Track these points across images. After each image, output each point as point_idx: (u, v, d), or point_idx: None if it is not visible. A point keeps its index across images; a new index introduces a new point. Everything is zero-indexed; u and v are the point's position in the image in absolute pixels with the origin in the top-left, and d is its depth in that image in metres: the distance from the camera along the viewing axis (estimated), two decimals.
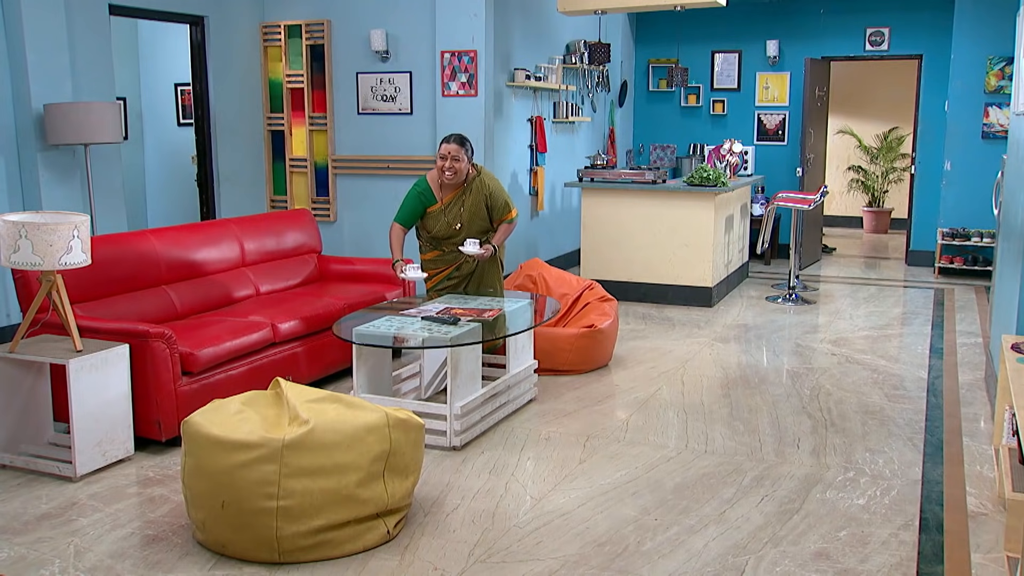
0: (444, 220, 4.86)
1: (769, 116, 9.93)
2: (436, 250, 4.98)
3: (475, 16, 6.75)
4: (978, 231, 8.47)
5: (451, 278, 5.02)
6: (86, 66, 5.86)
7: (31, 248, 3.55)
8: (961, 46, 8.50)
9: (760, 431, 4.31)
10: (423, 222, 4.93)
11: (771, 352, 5.81)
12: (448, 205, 4.85)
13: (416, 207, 4.88)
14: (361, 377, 4.20)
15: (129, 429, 3.91)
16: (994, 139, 8.42)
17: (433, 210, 4.86)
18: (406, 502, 3.25)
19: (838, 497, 3.54)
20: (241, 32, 7.29)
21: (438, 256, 4.99)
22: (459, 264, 4.99)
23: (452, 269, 5.00)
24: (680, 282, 7.22)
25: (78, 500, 3.53)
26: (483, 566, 2.99)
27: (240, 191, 7.41)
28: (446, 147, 4.71)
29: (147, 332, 3.96)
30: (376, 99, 7.24)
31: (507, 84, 7.55)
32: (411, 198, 4.89)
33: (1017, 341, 3.74)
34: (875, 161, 12.37)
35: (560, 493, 3.58)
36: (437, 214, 4.87)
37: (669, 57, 10.08)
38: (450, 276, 5.02)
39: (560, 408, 4.67)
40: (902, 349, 5.90)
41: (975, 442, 4.16)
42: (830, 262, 9.63)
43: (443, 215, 4.86)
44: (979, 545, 3.15)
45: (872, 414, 4.55)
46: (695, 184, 7.23)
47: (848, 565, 3.00)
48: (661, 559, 3.04)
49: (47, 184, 5.52)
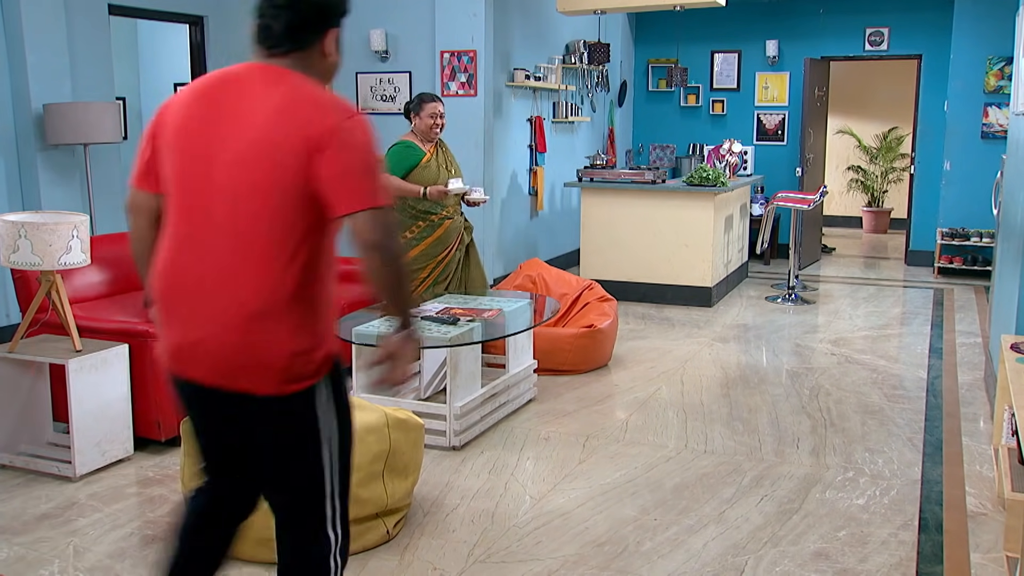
0: (436, 166, 4.99)
1: (769, 116, 9.94)
2: (421, 222, 4.97)
3: (475, 16, 6.75)
4: (977, 231, 8.47)
5: (437, 282, 5.05)
6: (86, 66, 5.86)
7: (30, 248, 3.54)
8: (960, 46, 8.51)
9: (759, 431, 4.31)
10: (416, 178, 4.92)
11: (770, 352, 5.81)
12: (434, 155, 5.02)
13: (404, 159, 4.91)
14: (360, 377, 4.20)
15: (129, 429, 3.91)
16: (993, 139, 8.42)
17: (425, 161, 4.95)
18: (405, 502, 3.25)
19: (837, 497, 3.54)
20: (241, 32, 7.25)
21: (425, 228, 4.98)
22: (444, 258, 5.02)
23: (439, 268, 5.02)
24: (679, 282, 7.22)
25: (77, 500, 3.53)
26: (482, 566, 2.99)
27: None
28: (435, 105, 4.94)
29: (147, 332, 3.96)
30: (376, 99, 7.24)
31: (507, 84, 7.55)
32: (398, 152, 4.92)
33: (1016, 341, 3.74)
34: (874, 161, 12.37)
35: (559, 493, 3.58)
36: (430, 163, 4.97)
37: (668, 57, 10.08)
38: (436, 280, 5.04)
39: (560, 408, 4.67)
40: (902, 349, 5.90)
41: (974, 442, 4.16)
42: (829, 262, 9.63)
43: (435, 162, 5.01)
44: (978, 545, 3.15)
45: (872, 414, 4.55)
46: (694, 184, 7.23)
47: (847, 565, 3.00)
48: (660, 559, 3.04)
49: (46, 184, 5.51)
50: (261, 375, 1.91)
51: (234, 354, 1.91)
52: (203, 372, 1.95)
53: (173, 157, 1.98)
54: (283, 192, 1.87)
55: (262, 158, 1.88)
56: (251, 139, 1.89)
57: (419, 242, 5.00)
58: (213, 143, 1.92)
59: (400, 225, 4.96)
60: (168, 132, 1.99)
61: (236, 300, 1.89)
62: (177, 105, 2.01)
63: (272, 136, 1.87)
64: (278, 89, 1.92)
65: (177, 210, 1.98)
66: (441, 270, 5.06)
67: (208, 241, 1.92)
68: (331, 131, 1.86)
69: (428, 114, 4.92)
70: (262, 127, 1.88)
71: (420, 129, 4.96)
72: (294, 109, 1.89)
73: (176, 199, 1.98)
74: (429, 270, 5.04)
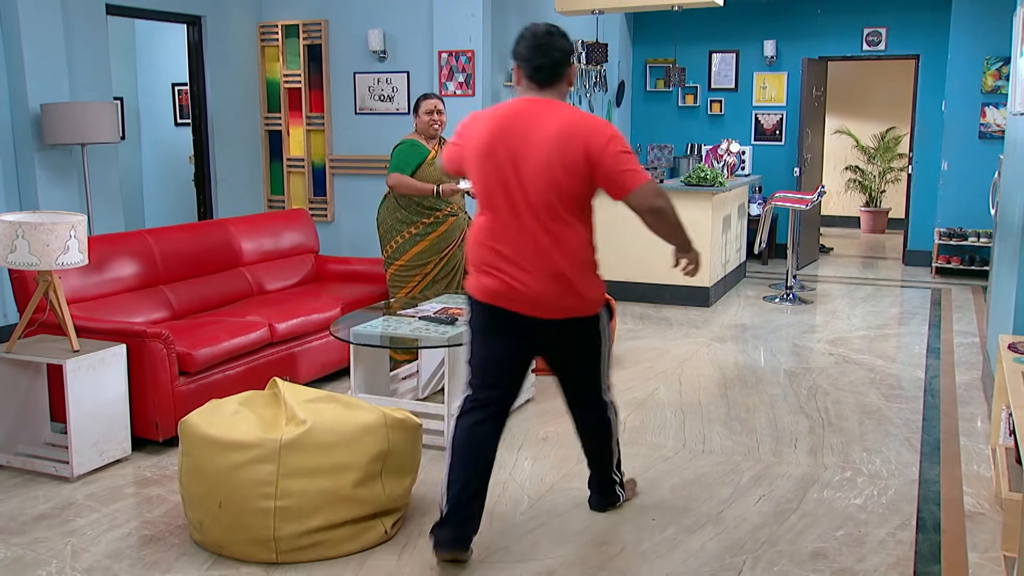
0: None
1: (766, 116, 9.94)
2: (427, 218, 4.98)
3: (472, 16, 6.75)
4: (975, 231, 8.48)
5: (436, 280, 5.05)
6: (83, 66, 5.86)
7: (28, 248, 3.54)
8: (958, 46, 8.51)
9: (757, 431, 4.31)
10: (423, 175, 4.95)
11: (768, 352, 5.82)
12: (438, 153, 5.03)
13: (411, 157, 4.96)
14: (359, 377, 4.20)
15: (126, 429, 3.91)
16: (991, 139, 8.43)
17: (432, 158, 4.97)
18: (404, 502, 3.25)
19: (835, 497, 3.55)
20: (238, 32, 7.29)
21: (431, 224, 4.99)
22: (446, 255, 5.03)
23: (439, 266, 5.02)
24: (677, 282, 7.21)
25: (75, 500, 3.52)
26: (481, 566, 2.99)
27: (237, 191, 7.41)
28: (433, 102, 5.00)
29: (144, 332, 3.96)
30: (373, 99, 7.24)
31: (504, 84, 7.55)
32: (404, 150, 4.99)
33: (1014, 341, 3.74)
34: (872, 161, 12.38)
35: (558, 493, 3.58)
36: (436, 160, 4.98)
37: (666, 57, 10.07)
38: (435, 278, 5.04)
39: (557, 408, 4.66)
40: (899, 349, 5.91)
41: (972, 442, 4.16)
42: (827, 262, 9.64)
43: (438, 160, 4.96)
44: (976, 545, 3.16)
45: (869, 414, 4.56)
46: (692, 184, 7.23)
47: (845, 565, 3.00)
48: (658, 559, 3.04)
49: (44, 184, 5.51)
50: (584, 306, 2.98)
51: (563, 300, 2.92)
52: (540, 310, 2.94)
53: (485, 164, 2.91)
54: (571, 190, 2.84)
55: (550, 168, 2.81)
56: (546, 154, 2.82)
57: (423, 238, 5.01)
58: (515, 157, 2.85)
59: (404, 220, 5.00)
60: (476, 149, 2.93)
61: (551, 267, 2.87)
62: (481, 132, 2.94)
63: (559, 153, 2.81)
64: (556, 114, 2.88)
65: (493, 199, 2.92)
66: (441, 268, 5.06)
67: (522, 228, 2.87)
68: (599, 145, 2.80)
69: (425, 111, 4.98)
70: (552, 146, 2.81)
71: (421, 127, 5.01)
72: (570, 132, 2.82)
73: (493, 192, 2.91)
74: (431, 266, 5.04)
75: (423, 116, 4.98)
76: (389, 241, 5.10)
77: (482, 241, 2.96)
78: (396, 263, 5.08)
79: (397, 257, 5.07)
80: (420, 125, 5.01)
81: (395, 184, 4.95)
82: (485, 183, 2.92)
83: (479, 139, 2.93)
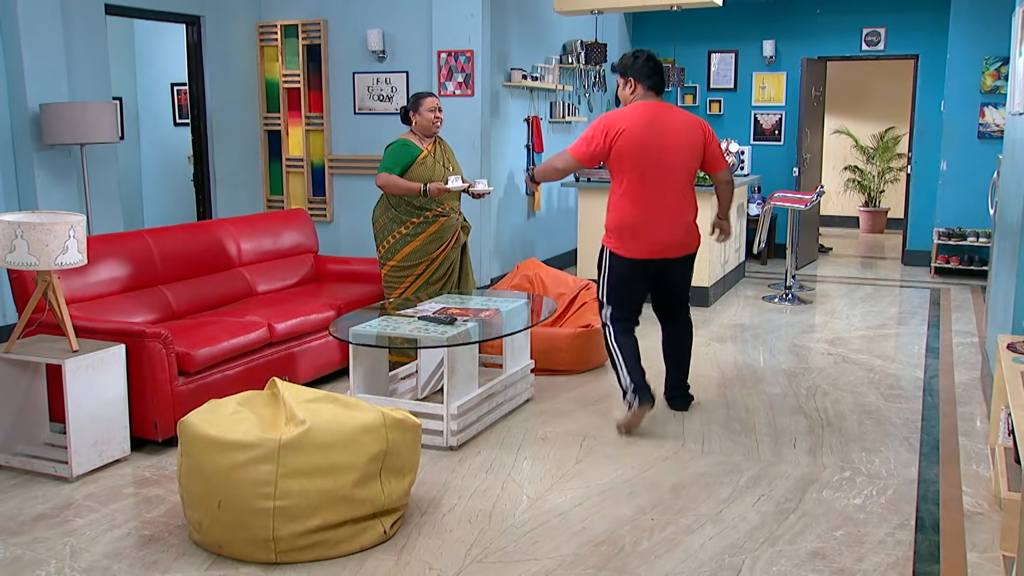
0: (434, 163, 5.02)
1: (766, 116, 9.94)
2: (416, 218, 4.98)
3: (472, 16, 6.75)
4: (974, 231, 8.48)
5: (430, 282, 5.04)
6: (82, 66, 5.85)
7: (27, 248, 3.54)
8: (957, 46, 8.52)
9: (757, 431, 4.31)
10: (413, 175, 4.95)
11: (768, 352, 5.82)
12: (432, 152, 5.05)
13: (401, 156, 4.96)
14: (358, 377, 4.20)
15: (125, 429, 3.91)
16: (990, 139, 8.44)
17: (423, 157, 4.97)
18: (403, 502, 3.25)
19: (834, 497, 3.55)
20: (237, 32, 7.29)
21: (420, 224, 4.99)
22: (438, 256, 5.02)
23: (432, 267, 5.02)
24: None
25: (74, 500, 3.52)
26: (480, 566, 2.99)
27: (236, 191, 7.40)
28: (433, 100, 5.02)
29: (143, 332, 3.96)
30: (373, 99, 7.24)
31: (504, 84, 7.55)
32: (395, 150, 4.99)
33: (1013, 340, 3.74)
34: (871, 161, 12.38)
35: (557, 493, 3.58)
36: (427, 160, 5.00)
37: (666, 57, 10.07)
38: (429, 280, 5.04)
39: (557, 408, 4.67)
40: (898, 349, 5.91)
41: (971, 441, 4.17)
42: (826, 262, 9.64)
43: (432, 159, 5.03)
44: (975, 544, 3.16)
45: (868, 414, 4.56)
46: None
47: (844, 564, 3.01)
48: (658, 559, 3.04)
49: (43, 184, 5.50)
50: (695, 244, 4.35)
51: (688, 241, 4.30)
52: (672, 252, 4.26)
53: (643, 150, 4.11)
54: (694, 167, 4.25)
55: (686, 150, 4.20)
56: (683, 140, 4.19)
57: (414, 238, 5.00)
58: (662, 144, 4.13)
59: (395, 220, 5.00)
60: (631, 140, 4.09)
61: (685, 221, 4.27)
62: (632, 127, 4.11)
63: (689, 139, 4.21)
64: (676, 112, 4.26)
65: (642, 180, 4.15)
66: (435, 269, 5.05)
67: (665, 195, 4.19)
68: (709, 133, 4.30)
69: (427, 108, 4.97)
70: (684, 134, 4.19)
71: (422, 125, 5.00)
72: (691, 123, 4.24)
73: (641, 174, 4.14)
74: (423, 267, 5.03)
75: (426, 113, 4.97)
76: (382, 240, 5.10)
77: (628, 210, 4.18)
78: (389, 263, 5.08)
79: (390, 257, 5.07)
80: (421, 122, 4.99)
81: (383, 184, 4.95)
82: (640, 164, 4.10)
83: (634, 132, 4.09)
